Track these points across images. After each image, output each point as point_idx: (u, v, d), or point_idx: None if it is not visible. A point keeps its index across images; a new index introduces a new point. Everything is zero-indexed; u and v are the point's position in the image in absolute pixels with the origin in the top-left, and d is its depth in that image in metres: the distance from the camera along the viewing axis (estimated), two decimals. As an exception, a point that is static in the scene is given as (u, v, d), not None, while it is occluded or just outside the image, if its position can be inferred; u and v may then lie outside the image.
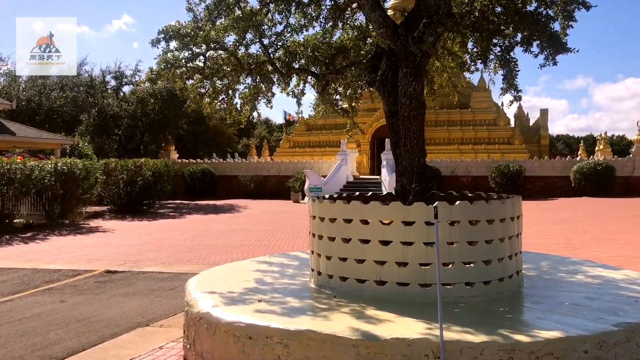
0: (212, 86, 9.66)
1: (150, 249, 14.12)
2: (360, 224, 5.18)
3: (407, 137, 5.87)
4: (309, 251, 6.21)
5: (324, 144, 42.91)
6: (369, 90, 10.81)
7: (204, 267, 11.27)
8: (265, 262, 7.20)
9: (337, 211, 5.39)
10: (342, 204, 5.37)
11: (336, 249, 5.38)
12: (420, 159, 5.91)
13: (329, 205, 5.50)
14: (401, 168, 6.02)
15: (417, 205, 4.97)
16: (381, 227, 5.10)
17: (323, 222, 5.55)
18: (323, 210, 5.57)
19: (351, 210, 5.27)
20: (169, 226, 19.68)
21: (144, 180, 25.15)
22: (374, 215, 5.12)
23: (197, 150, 48.34)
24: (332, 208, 5.47)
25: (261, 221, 20.76)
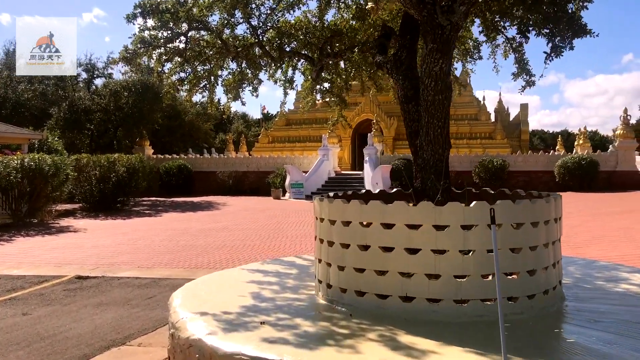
0: (193, 71, 8.70)
1: (125, 250, 13.10)
2: (381, 228, 4.36)
3: (430, 125, 5.04)
4: (305, 256, 5.42)
5: (304, 138, 42.00)
6: (360, 80, 9.98)
7: (185, 272, 10.34)
8: (259, 271, 6.32)
9: (352, 213, 4.54)
10: (358, 205, 4.53)
11: (351, 257, 4.54)
12: (445, 151, 5.09)
13: (342, 205, 4.65)
14: (421, 162, 5.20)
15: (451, 206, 4.15)
16: (407, 232, 4.28)
17: (334, 225, 4.70)
18: (334, 211, 4.72)
19: (370, 212, 4.44)
20: (145, 225, 18.60)
21: (118, 177, 23.96)
22: (399, 218, 4.29)
23: (172, 145, 46.95)
24: (345, 209, 4.62)
25: (242, 219, 19.80)
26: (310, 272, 5.46)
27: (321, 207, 4.92)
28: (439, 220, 4.15)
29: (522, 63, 7.68)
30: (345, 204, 4.62)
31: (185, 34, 8.18)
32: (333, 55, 7.51)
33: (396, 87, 5.83)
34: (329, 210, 4.79)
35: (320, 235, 4.99)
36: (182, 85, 8.77)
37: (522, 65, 7.66)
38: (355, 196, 5.62)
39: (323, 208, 4.90)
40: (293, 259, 7.33)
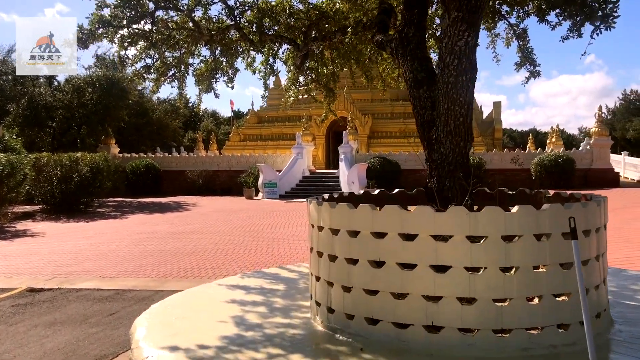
0: (160, 57, 7.68)
1: (87, 257, 11.97)
2: (400, 239, 3.50)
3: (450, 112, 4.21)
4: (289, 267, 4.56)
5: (277, 136, 40.97)
6: (349, 68, 9.11)
7: (153, 282, 9.32)
8: (239, 287, 5.39)
9: (362, 220, 3.68)
10: (369, 210, 3.66)
11: (360, 276, 3.68)
12: (467, 143, 4.24)
13: (348, 211, 3.78)
14: (438, 157, 4.35)
15: (490, 212, 3.29)
16: (434, 244, 3.43)
17: (337, 235, 3.83)
18: (337, 218, 3.85)
19: (386, 220, 3.58)
20: (110, 228, 17.39)
21: (81, 177, 22.59)
22: (424, 227, 3.44)
23: (140, 144, 45.35)
24: (352, 216, 3.75)
25: (214, 221, 18.74)
26: (300, 287, 4.60)
27: (319, 213, 4.04)
28: (475, 230, 3.32)
29: (526, 52, 6.92)
30: (351, 209, 3.75)
31: (152, 14, 7.18)
32: (321, 39, 6.60)
33: (403, 69, 4.98)
34: (331, 217, 3.91)
35: (318, 247, 4.12)
36: (148, 73, 7.74)
37: (526, 54, 6.91)
38: (357, 198, 4.74)
39: (322, 214, 4.02)
40: (277, 270, 6.42)
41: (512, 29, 7.00)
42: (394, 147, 34.97)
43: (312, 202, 4.19)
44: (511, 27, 6.97)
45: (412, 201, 5.70)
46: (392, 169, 29.79)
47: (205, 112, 79.39)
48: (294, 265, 7.22)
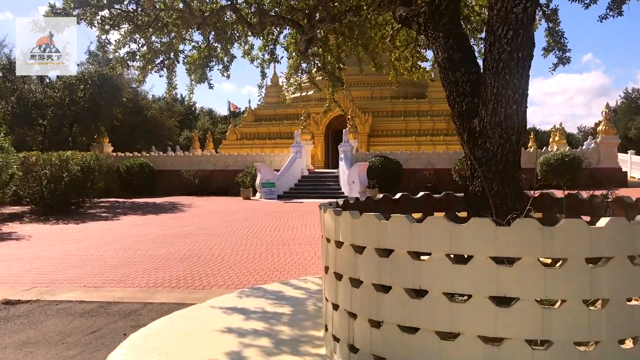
0: (146, 42, 6.82)
1: (72, 263, 11.12)
2: (448, 262, 2.65)
3: (500, 98, 3.41)
4: (293, 282, 3.76)
5: (274, 135, 40.12)
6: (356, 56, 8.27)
7: (141, 292, 8.47)
8: (237, 310, 4.58)
9: (396, 235, 2.88)
10: (405, 223, 2.88)
11: (394, 308, 2.88)
12: (520, 137, 3.42)
13: (377, 223, 2.98)
14: (482, 154, 3.55)
15: (569, 227, 2.46)
16: (495, 269, 2.60)
17: (362, 254, 3.00)
18: (362, 232, 3.05)
19: (429, 235, 2.76)
20: (100, 231, 16.53)
21: (71, 177, 21.70)
22: (482, 246, 2.59)
23: (134, 143, 44.47)
24: (383, 229, 2.95)
25: (210, 222, 17.89)
26: (308, 311, 3.82)
27: (338, 225, 3.23)
28: (550, 250, 2.52)
29: (556, 35, 6.07)
30: (382, 220, 2.93)
31: (137, -8, 6.36)
32: (329, 20, 5.77)
33: (434, 49, 4.16)
34: (354, 230, 3.10)
35: (335, 267, 3.30)
36: (133, 60, 6.88)
37: (557, 38, 6.06)
38: (376, 204, 3.92)
39: (341, 226, 3.20)
40: (279, 287, 5.58)
41: (542, 10, 6.18)
42: (394, 146, 34.20)
43: (328, 210, 3.37)
44: (540, 7, 6.15)
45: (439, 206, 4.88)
46: (393, 168, 28.97)
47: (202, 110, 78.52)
48: (299, 280, 6.38)
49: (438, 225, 2.76)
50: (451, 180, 29.14)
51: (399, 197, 4.81)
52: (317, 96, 40.26)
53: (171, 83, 7.61)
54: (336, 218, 3.27)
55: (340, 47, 7.87)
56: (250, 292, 5.70)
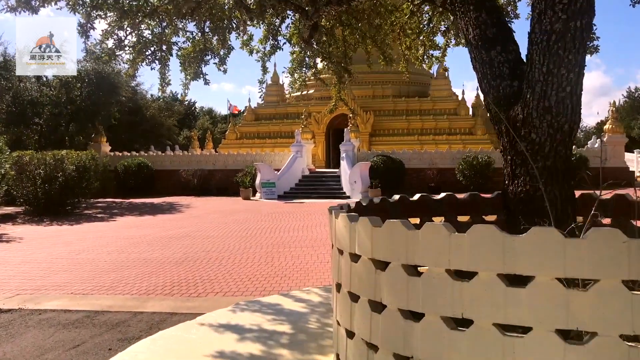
0: (134, 30, 6.22)
1: (62, 267, 10.55)
2: (500, 284, 2.06)
3: (551, 79, 2.87)
4: (294, 293, 3.18)
5: (274, 134, 39.52)
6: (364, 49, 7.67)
7: (131, 300, 7.90)
8: (230, 328, 4.02)
9: (430, 248, 2.30)
10: (442, 232, 2.29)
11: (428, 341, 2.29)
12: (574, 128, 2.84)
13: (405, 233, 2.40)
14: (527, 146, 2.92)
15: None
16: (563, 294, 2.00)
17: (385, 272, 2.41)
18: (386, 243, 2.49)
19: (475, 248, 2.14)
20: (95, 232, 15.95)
21: (66, 176, 21.13)
22: (545, 264, 2.00)
23: (133, 142, 43.93)
24: (412, 241, 2.36)
25: (208, 224, 17.31)
26: (311, 330, 3.27)
27: (353, 233, 2.65)
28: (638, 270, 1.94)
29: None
30: (410, 230, 2.35)
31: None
32: (336, 2, 5.18)
33: (463, 25, 3.58)
34: (375, 242, 2.52)
35: (350, 286, 2.72)
36: (120, 49, 6.28)
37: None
38: (392, 207, 3.33)
39: (358, 235, 2.62)
40: (278, 299, 5.00)
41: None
42: (396, 145, 33.66)
43: (341, 216, 2.78)
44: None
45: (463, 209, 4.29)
46: (396, 167, 28.39)
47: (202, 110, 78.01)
48: (301, 292, 5.73)
49: (487, 237, 2.17)
50: (455, 180, 28.58)
51: (418, 199, 4.23)
52: (318, 95, 39.70)
53: (164, 78, 7.02)
54: (351, 226, 2.68)
55: (346, 41, 7.28)
56: (246, 305, 5.10)
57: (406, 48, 7.20)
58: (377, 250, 2.52)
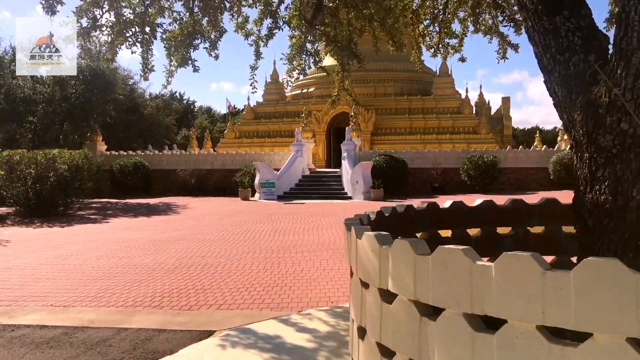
0: (113, 9, 5.47)
1: (45, 274, 9.82)
2: (630, 350, 1.29)
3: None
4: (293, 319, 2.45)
5: (274, 133, 38.77)
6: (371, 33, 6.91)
7: (116, 314, 7.14)
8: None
9: (510, 292, 1.49)
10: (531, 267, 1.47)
11: None
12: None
13: (467, 267, 1.62)
14: (613, 141, 2.19)
15: None
16: None
17: (436, 322, 1.62)
18: (438, 280, 1.67)
19: (586, 295, 1.38)
20: (85, 235, 15.20)
21: (58, 176, 20.37)
22: None
23: (130, 142, 43.20)
24: (482, 279, 1.56)
25: (205, 226, 16.56)
26: None
27: (385, 262, 1.89)
28: None
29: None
30: (479, 263, 1.60)
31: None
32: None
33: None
34: (419, 277, 1.77)
35: (380, 335, 1.96)
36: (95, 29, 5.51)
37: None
38: (418, 217, 2.58)
39: (394, 266, 1.86)
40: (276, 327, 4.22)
41: None
42: (398, 145, 32.95)
43: (367, 236, 2.03)
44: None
45: (503, 218, 3.54)
46: (399, 167, 27.62)
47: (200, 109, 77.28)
48: (302, 317, 4.80)
49: (613, 279, 1.42)
50: (459, 180, 27.88)
51: (450, 206, 3.46)
52: (319, 93, 39.01)
53: (147, 63, 6.26)
54: (382, 251, 1.92)
55: (351, 24, 6.53)
56: (238, 337, 4.30)
57: (419, 35, 6.45)
58: (423, 290, 1.77)
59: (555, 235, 3.47)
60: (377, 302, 2.02)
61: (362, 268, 2.12)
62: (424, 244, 1.99)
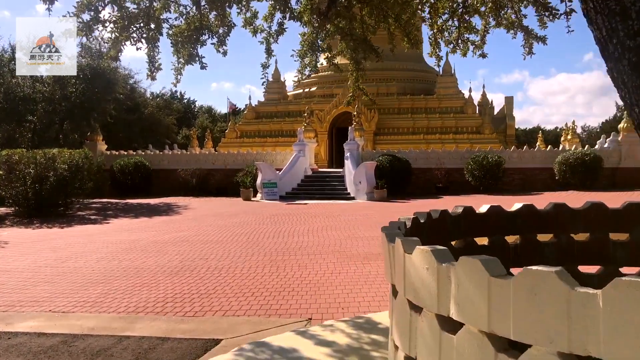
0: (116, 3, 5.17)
1: (44, 278, 9.52)
2: None
3: None
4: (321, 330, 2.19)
5: (276, 133, 38.47)
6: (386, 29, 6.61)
7: (118, 320, 6.84)
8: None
9: None
10: None
11: None
12: None
13: (560, 292, 1.30)
14: None
15: None
16: None
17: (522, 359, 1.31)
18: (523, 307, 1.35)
19: None
20: (85, 236, 14.90)
21: (57, 176, 20.07)
22: None
23: (131, 141, 42.92)
24: (583, 309, 1.30)
25: (207, 227, 16.26)
26: None
27: (444, 284, 1.58)
28: None
29: None
30: (580, 290, 1.30)
31: None
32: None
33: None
34: (495, 304, 1.45)
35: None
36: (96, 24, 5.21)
37: None
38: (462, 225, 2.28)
39: (460, 289, 1.54)
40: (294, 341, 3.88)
41: None
42: (401, 144, 32.67)
43: (419, 251, 1.69)
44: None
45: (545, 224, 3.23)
46: (402, 167, 27.32)
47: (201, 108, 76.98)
48: (323, 328, 4.31)
49: None
50: (464, 180, 27.58)
51: (487, 211, 3.13)
52: (321, 92, 38.73)
53: (153, 61, 5.96)
54: (442, 270, 1.55)
55: (364, 21, 6.24)
56: (253, 352, 4.00)
57: (437, 30, 6.15)
58: (500, 321, 1.45)
59: (602, 243, 3.17)
60: (435, 330, 1.71)
61: (412, 289, 1.80)
62: (498, 263, 1.67)
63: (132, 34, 5.49)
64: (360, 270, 9.40)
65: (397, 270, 1.97)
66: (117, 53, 5.61)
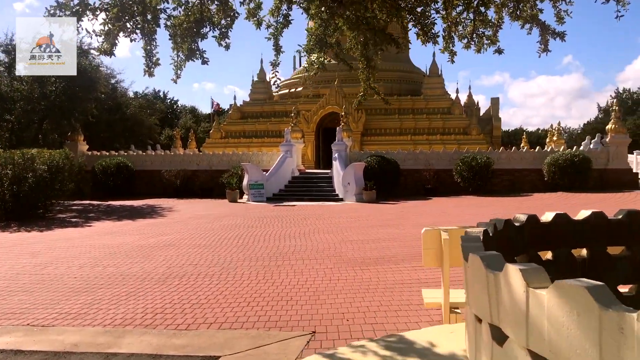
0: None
1: (22, 286, 8.91)
2: None
3: None
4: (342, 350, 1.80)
5: (261, 133, 37.91)
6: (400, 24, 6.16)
7: (103, 335, 6.27)
8: None
9: None
10: None
11: None
12: None
13: None
14: None
15: None
16: None
17: None
18: None
19: None
20: (66, 240, 14.24)
21: (36, 177, 19.33)
22: None
23: (112, 141, 42.07)
24: None
25: (194, 230, 15.68)
26: None
27: (564, 323, 1.11)
28: None
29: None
30: None
31: None
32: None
33: None
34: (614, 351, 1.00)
35: None
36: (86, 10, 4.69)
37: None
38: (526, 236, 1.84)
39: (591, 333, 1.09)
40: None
41: None
42: (389, 145, 32.35)
43: (519, 273, 1.23)
44: None
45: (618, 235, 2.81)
46: (391, 168, 26.97)
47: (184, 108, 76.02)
48: (353, 349, 3.78)
49: None
50: (452, 181, 27.33)
51: (553, 220, 2.69)
52: (307, 93, 38.23)
53: (150, 56, 5.44)
54: (625, 321, 1.09)
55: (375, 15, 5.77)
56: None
57: (452, 23, 5.72)
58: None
59: None
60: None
61: (505, 317, 1.33)
62: (606, 290, 1.24)
63: (126, 24, 4.97)
64: (359, 277, 8.94)
65: (491, 297, 1.50)
66: (111, 47, 5.08)
